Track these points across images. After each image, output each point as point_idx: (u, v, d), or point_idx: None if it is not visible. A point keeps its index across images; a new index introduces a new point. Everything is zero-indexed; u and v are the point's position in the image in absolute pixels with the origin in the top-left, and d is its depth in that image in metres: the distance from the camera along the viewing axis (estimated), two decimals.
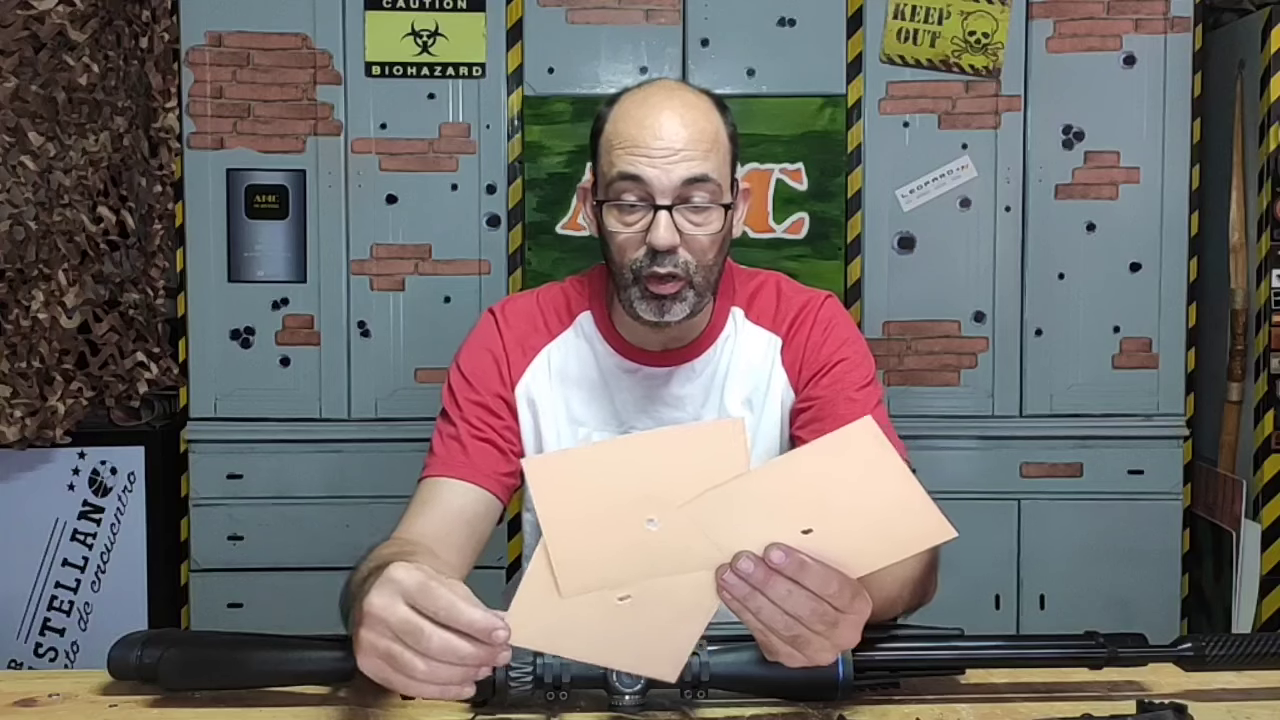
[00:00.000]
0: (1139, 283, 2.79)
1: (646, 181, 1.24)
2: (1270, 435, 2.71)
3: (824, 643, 0.89)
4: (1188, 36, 2.75)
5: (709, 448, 0.82)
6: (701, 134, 1.25)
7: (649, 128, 1.24)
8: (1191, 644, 1.07)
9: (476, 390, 1.37)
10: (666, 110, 1.25)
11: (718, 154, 1.27)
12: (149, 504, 2.82)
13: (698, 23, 2.75)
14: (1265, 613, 2.70)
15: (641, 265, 1.26)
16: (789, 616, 0.87)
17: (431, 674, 0.85)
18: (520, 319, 1.41)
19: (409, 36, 2.75)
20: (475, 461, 1.32)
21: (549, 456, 0.83)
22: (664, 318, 1.28)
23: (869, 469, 0.82)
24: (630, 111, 1.27)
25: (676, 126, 1.24)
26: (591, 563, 0.86)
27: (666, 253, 1.24)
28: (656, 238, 1.23)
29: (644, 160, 1.24)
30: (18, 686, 1.12)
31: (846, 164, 2.77)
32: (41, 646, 2.82)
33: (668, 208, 1.24)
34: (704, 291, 1.30)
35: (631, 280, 1.28)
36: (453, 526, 1.27)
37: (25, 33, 2.53)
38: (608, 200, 1.27)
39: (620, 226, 1.27)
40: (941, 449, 2.78)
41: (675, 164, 1.23)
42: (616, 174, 1.25)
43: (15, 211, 2.61)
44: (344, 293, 2.78)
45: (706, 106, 1.29)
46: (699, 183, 1.24)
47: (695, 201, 1.25)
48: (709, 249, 1.27)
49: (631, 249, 1.27)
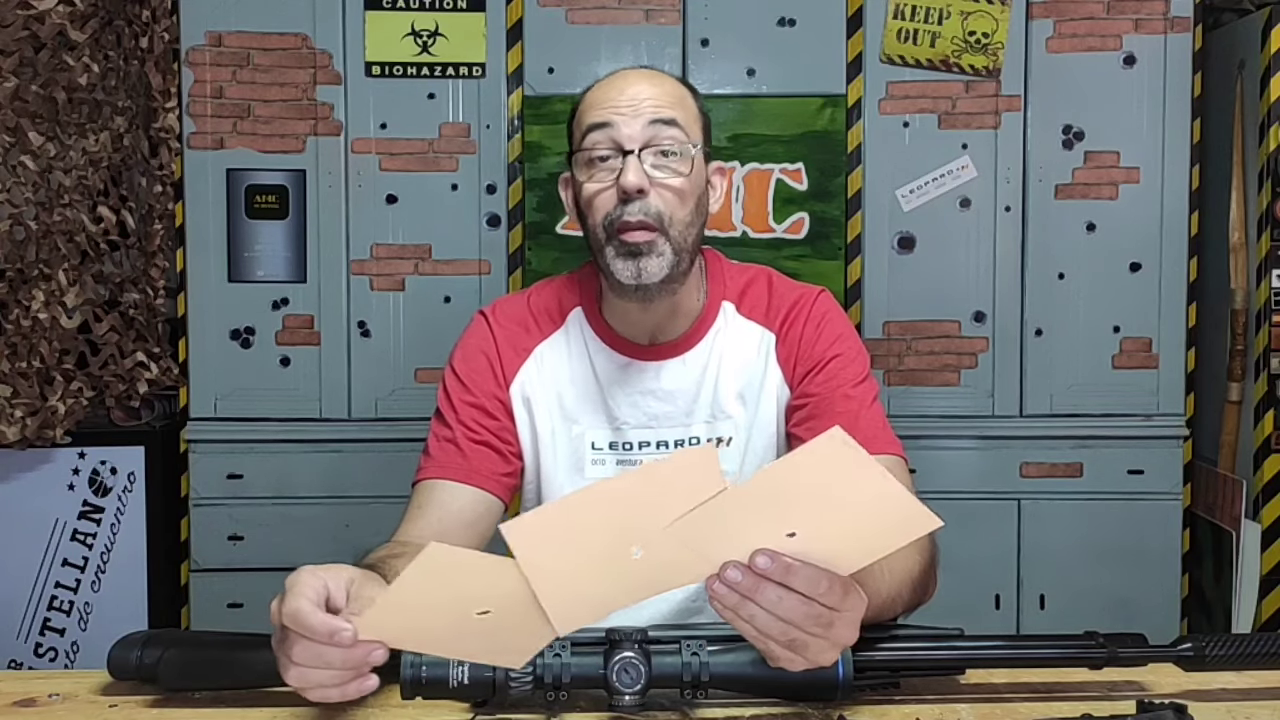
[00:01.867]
0: (1139, 283, 2.79)
1: (614, 127, 1.27)
2: (1270, 435, 2.71)
3: (822, 643, 0.89)
4: (1188, 36, 2.75)
5: (683, 478, 0.83)
6: (667, 91, 1.31)
7: (616, 86, 1.30)
8: (1191, 644, 1.07)
9: (471, 392, 1.37)
10: (633, 74, 1.32)
11: (685, 110, 1.31)
12: (149, 504, 2.82)
13: (698, 23, 2.75)
14: (1265, 613, 2.70)
15: (613, 218, 1.27)
16: (783, 621, 0.87)
17: (301, 677, 0.89)
18: (511, 320, 1.41)
19: (409, 36, 2.75)
20: (473, 463, 1.33)
21: (524, 519, 0.85)
22: (640, 278, 1.27)
23: (844, 473, 0.82)
24: (600, 83, 1.34)
25: (643, 84, 1.30)
26: (582, 599, 0.87)
27: (637, 199, 1.26)
28: (626, 179, 1.25)
29: (611, 110, 1.28)
30: (18, 686, 1.12)
31: (846, 164, 2.77)
32: (41, 646, 2.82)
33: (636, 152, 1.27)
34: (680, 250, 1.29)
35: (605, 239, 1.29)
36: (451, 528, 1.27)
37: (25, 33, 2.53)
38: (579, 152, 1.30)
39: (593, 183, 1.29)
40: (941, 449, 2.78)
41: (642, 110, 1.28)
42: (586, 127, 1.29)
43: (15, 211, 2.62)
44: (344, 293, 2.78)
45: (676, 81, 1.35)
46: (666, 125, 1.27)
47: (664, 145, 1.27)
48: (681, 200, 1.29)
49: (604, 205, 1.28)
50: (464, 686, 0.99)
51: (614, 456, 1.38)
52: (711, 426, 1.38)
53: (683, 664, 1.01)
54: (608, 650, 1.01)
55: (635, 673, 1.00)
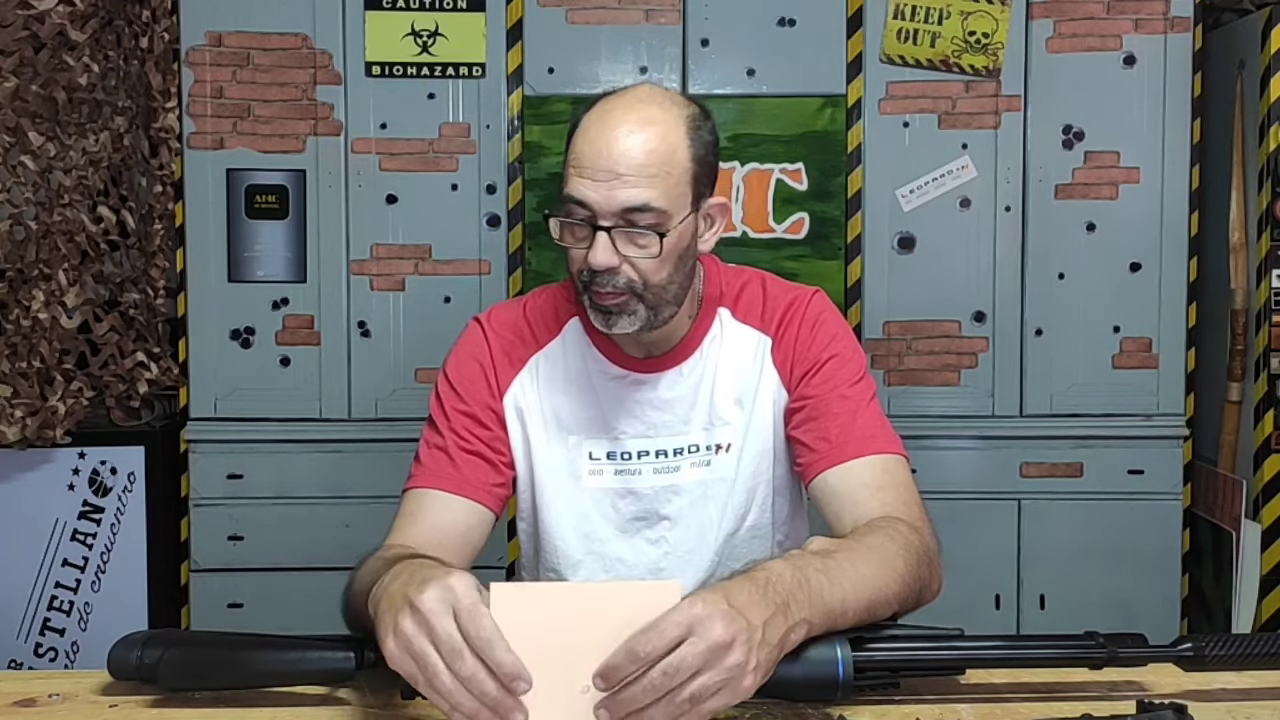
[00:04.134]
0: (1139, 283, 2.79)
1: (589, 206, 1.23)
2: (1270, 435, 2.71)
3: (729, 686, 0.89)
4: (1188, 36, 2.75)
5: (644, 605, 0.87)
6: (649, 158, 1.22)
7: (598, 148, 1.23)
8: (1191, 644, 1.06)
9: (464, 400, 1.36)
10: (620, 130, 1.23)
11: (667, 180, 1.23)
12: (149, 504, 2.82)
13: (698, 23, 2.75)
14: (1265, 613, 2.70)
15: (585, 279, 1.27)
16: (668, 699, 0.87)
17: (453, 693, 0.86)
18: (507, 329, 1.41)
19: (409, 36, 2.75)
20: (465, 474, 1.32)
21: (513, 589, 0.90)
22: (611, 329, 1.29)
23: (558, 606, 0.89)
24: (587, 128, 1.26)
25: (623, 150, 1.22)
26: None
27: (606, 273, 1.25)
28: (594, 257, 1.23)
29: (589, 184, 1.23)
30: (18, 686, 1.12)
31: (846, 164, 2.77)
32: (41, 646, 2.82)
33: (607, 229, 1.23)
34: (659, 305, 1.28)
35: (581, 289, 1.29)
36: (442, 539, 1.27)
37: (25, 33, 2.53)
38: (554, 214, 1.27)
39: (569, 239, 1.27)
40: (941, 449, 2.78)
41: (616, 190, 1.22)
42: (566, 194, 1.25)
43: (15, 211, 2.62)
44: (344, 293, 2.78)
45: (670, 124, 1.25)
46: (638, 211, 1.22)
47: (636, 229, 1.23)
48: (655, 270, 1.26)
49: (578, 261, 1.27)
50: None
51: (612, 466, 1.38)
52: (709, 433, 1.38)
53: None
54: None
55: None
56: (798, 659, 0.99)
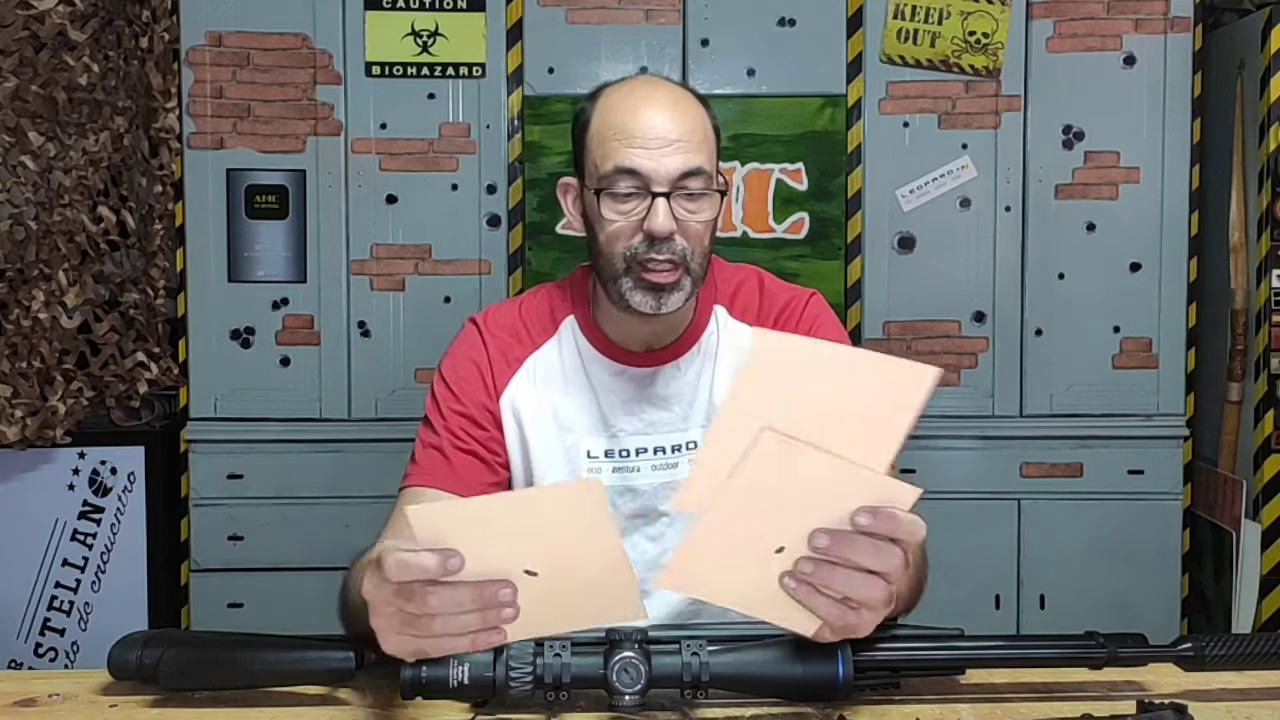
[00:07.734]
0: (1139, 283, 2.79)
1: (644, 174, 1.26)
2: (1270, 435, 2.71)
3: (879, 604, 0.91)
4: (1188, 36, 2.75)
5: (570, 507, 0.85)
6: (693, 126, 1.29)
7: (642, 119, 1.27)
8: (1191, 644, 1.07)
9: (460, 401, 1.37)
10: (656, 103, 1.29)
11: (708, 146, 1.30)
12: (149, 504, 2.82)
13: (698, 23, 2.75)
14: (1265, 613, 2.70)
15: (636, 251, 1.27)
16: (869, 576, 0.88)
17: (448, 625, 0.88)
18: (503, 330, 1.41)
19: (409, 36, 2.75)
20: (460, 473, 1.33)
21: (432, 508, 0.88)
22: (661, 309, 1.29)
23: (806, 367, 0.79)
24: (620, 104, 1.30)
25: (669, 119, 1.27)
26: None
27: (665, 240, 1.26)
28: (655, 224, 1.25)
29: (641, 153, 1.26)
30: (18, 686, 1.12)
31: (846, 164, 2.77)
32: (41, 646, 2.82)
33: (665, 194, 1.26)
34: (698, 280, 1.32)
35: (624, 270, 1.29)
36: None
37: (25, 33, 2.53)
38: (603, 189, 1.28)
39: (615, 215, 1.28)
40: (941, 449, 2.78)
41: (671, 155, 1.26)
42: (613, 168, 1.27)
43: (15, 211, 2.62)
44: (344, 293, 2.78)
45: (691, 99, 1.33)
46: (695, 175, 1.27)
47: (692, 190, 1.27)
48: (704, 236, 1.30)
49: (625, 236, 1.28)
50: (464, 686, 0.99)
51: (610, 464, 1.38)
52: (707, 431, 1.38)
53: (683, 664, 1.01)
54: (608, 650, 1.01)
55: (635, 673, 1.00)
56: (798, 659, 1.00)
